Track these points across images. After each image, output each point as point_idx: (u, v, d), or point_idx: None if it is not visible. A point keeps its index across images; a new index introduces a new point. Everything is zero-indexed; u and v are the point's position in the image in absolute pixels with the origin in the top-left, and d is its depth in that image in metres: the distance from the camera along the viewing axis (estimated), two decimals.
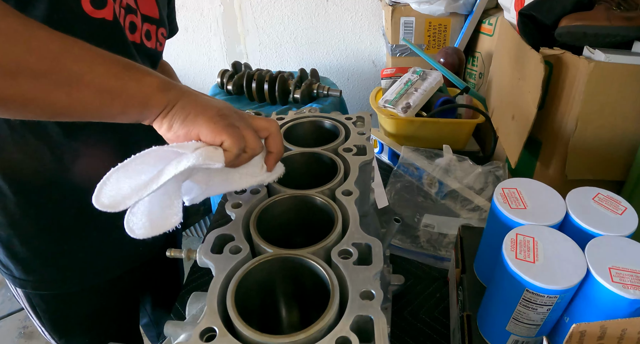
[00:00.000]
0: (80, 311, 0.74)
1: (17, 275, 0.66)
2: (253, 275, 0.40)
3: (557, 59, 0.73)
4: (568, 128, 0.73)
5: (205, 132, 0.41)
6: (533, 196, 0.52)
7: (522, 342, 0.47)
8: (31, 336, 1.62)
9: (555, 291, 0.41)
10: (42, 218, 0.63)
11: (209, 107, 0.42)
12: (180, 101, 0.41)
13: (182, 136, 0.42)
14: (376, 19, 1.46)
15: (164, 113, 0.41)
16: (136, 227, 0.40)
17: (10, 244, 0.63)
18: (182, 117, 0.41)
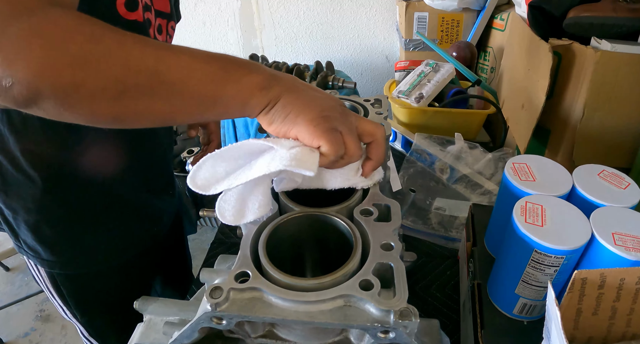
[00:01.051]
0: (103, 289, 0.77)
1: (45, 257, 0.69)
2: (282, 229, 0.43)
3: (565, 49, 0.76)
4: (575, 116, 0.76)
5: (303, 134, 0.41)
6: (542, 170, 0.55)
7: (530, 305, 0.50)
8: (47, 319, 1.68)
9: (562, 252, 0.44)
10: (68, 203, 0.66)
11: (312, 106, 0.41)
12: (282, 99, 0.41)
13: (281, 134, 0.42)
14: (390, 15, 1.50)
15: (265, 111, 0.41)
16: (228, 214, 0.42)
17: (38, 228, 0.66)
18: (282, 116, 0.41)
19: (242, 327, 0.42)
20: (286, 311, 0.36)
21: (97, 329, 0.82)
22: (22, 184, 0.62)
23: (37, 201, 0.64)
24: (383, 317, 0.35)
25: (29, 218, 0.65)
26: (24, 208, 0.64)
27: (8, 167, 0.61)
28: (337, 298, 0.36)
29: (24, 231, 0.67)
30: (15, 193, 0.63)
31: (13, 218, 0.66)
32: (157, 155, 0.76)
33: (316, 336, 0.41)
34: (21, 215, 0.65)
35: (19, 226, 0.67)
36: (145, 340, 0.47)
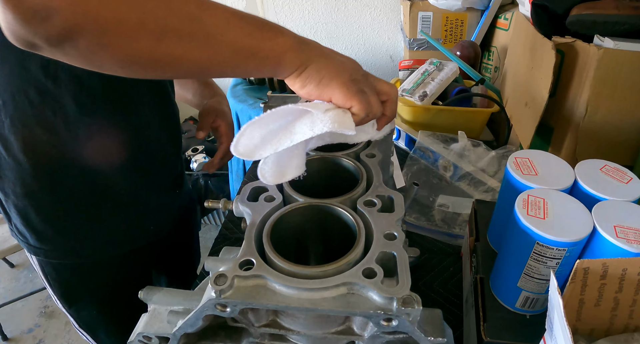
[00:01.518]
0: (90, 282, 0.77)
1: (31, 242, 0.70)
2: (286, 219, 0.44)
3: (568, 47, 0.76)
4: (578, 113, 0.76)
5: (338, 96, 0.43)
6: (544, 165, 0.55)
7: (532, 299, 0.51)
8: (51, 316, 1.69)
9: (564, 244, 0.44)
10: (57, 191, 0.66)
11: (342, 70, 0.44)
12: (315, 63, 0.43)
13: (314, 96, 0.45)
14: (394, 15, 1.51)
15: (297, 73, 0.43)
16: (268, 174, 0.44)
17: (26, 213, 0.67)
18: (317, 80, 0.43)
19: (246, 316, 0.42)
20: (290, 299, 0.36)
21: (84, 320, 0.82)
22: (13, 168, 0.63)
23: (25, 186, 0.64)
24: (386, 304, 0.35)
25: (18, 203, 0.66)
26: (13, 192, 0.65)
27: (2, 151, 0.62)
28: (340, 286, 0.36)
29: (14, 215, 0.68)
30: (7, 177, 0.64)
31: (5, 201, 0.68)
32: (154, 152, 0.74)
33: (319, 325, 0.42)
34: (11, 199, 0.66)
35: (9, 210, 0.68)
36: (150, 329, 0.47)
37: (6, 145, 0.62)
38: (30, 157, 0.62)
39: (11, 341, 1.60)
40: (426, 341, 0.38)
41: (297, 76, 0.43)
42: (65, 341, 1.58)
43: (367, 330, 0.41)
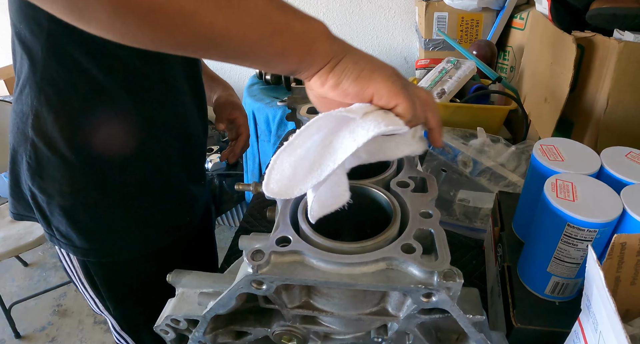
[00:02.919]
0: (137, 279, 0.76)
1: (78, 244, 0.67)
2: None
3: (588, 42, 0.77)
4: (599, 107, 0.76)
5: (382, 91, 0.37)
6: (569, 151, 0.55)
7: (562, 284, 0.51)
8: (64, 314, 1.69)
9: (594, 225, 0.44)
10: (106, 186, 0.65)
11: (383, 65, 0.38)
12: (349, 55, 0.37)
13: (352, 95, 0.37)
14: (409, 16, 1.53)
15: (330, 67, 0.36)
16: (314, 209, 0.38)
17: (74, 213, 0.64)
18: (356, 73, 0.36)
19: (280, 296, 0.42)
20: (328, 274, 0.36)
21: (129, 322, 0.80)
22: (59, 166, 0.62)
23: (73, 184, 0.63)
24: (426, 279, 0.35)
25: (64, 203, 0.64)
26: (59, 192, 0.63)
27: (44, 149, 0.61)
28: (379, 261, 0.36)
29: (57, 217, 0.65)
30: (51, 176, 0.62)
31: (47, 203, 0.65)
32: (194, 142, 0.75)
33: (354, 305, 0.42)
34: (56, 200, 0.64)
35: (52, 213, 0.66)
36: (178, 312, 0.46)
37: (50, 143, 0.60)
38: (79, 154, 0.61)
39: (24, 338, 1.60)
40: (465, 319, 0.38)
41: (330, 70, 0.36)
42: (78, 340, 1.59)
43: (402, 310, 0.41)
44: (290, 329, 0.46)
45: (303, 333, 0.46)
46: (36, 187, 0.64)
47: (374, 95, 0.37)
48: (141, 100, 0.62)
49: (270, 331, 0.47)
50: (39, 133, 0.60)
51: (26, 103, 0.60)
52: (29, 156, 0.62)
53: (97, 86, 0.58)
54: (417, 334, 0.43)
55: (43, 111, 0.58)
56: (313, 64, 0.36)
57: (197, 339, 0.49)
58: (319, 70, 0.36)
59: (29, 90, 0.59)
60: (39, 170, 0.63)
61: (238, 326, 0.48)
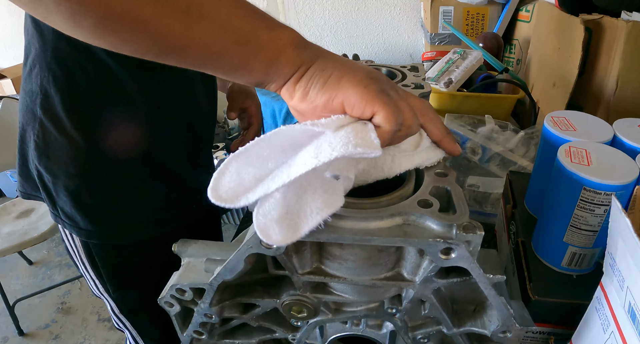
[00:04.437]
0: (139, 263, 0.75)
1: (82, 226, 0.67)
2: None
3: (595, 24, 0.76)
4: (609, 89, 0.76)
5: (352, 98, 0.32)
6: (581, 122, 0.55)
7: (579, 255, 0.49)
8: (68, 312, 1.68)
9: (611, 187, 0.43)
10: (113, 169, 0.64)
11: (356, 68, 0.34)
12: (318, 62, 0.34)
13: (320, 106, 0.33)
14: (414, 13, 1.53)
15: (297, 76, 0.34)
16: (274, 231, 0.32)
17: (78, 194, 0.64)
18: (322, 80, 0.33)
19: (290, 259, 0.41)
20: (342, 229, 0.35)
21: (128, 306, 0.80)
22: (65, 147, 0.61)
23: (79, 165, 0.62)
24: (445, 232, 0.34)
25: (70, 184, 0.64)
26: (65, 172, 0.63)
27: (52, 129, 0.61)
28: (395, 216, 0.35)
29: (62, 198, 0.65)
30: (57, 157, 0.62)
31: (52, 183, 0.65)
32: (202, 130, 0.75)
33: (368, 269, 0.40)
34: (61, 180, 0.64)
35: (57, 193, 0.65)
36: (184, 281, 0.45)
37: (57, 122, 0.60)
38: (86, 135, 0.60)
39: (27, 336, 1.59)
40: (485, 279, 0.36)
41: (297, 80, 0.33)
42: (82, 337, 1.57)
43: (418, 274, 0.40)
44: (300, 299, 0.44)
45: (314, 303, 0.45)
46: (43, 167, 0.64)
47: (344, 104, 0.33)
48: (150, 87, 0.63)
49: (280, 302, 0.45)
50: (47, 112, 0.60)
51: (35, 82, 0.60)
52: (37, 135, 0.62)
53: (106, 70, 0.58)
54: (433, 302, 0.42)
55: (51, 91, 0.59)
56: (279, 75, 0.33)
57: (203, 312, 0.47)
58: (286, 81, 0.34)
59: (39, 69, 0.59)
60: (46, 149, 0.63)
61: (246, 297, 0.47)
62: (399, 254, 0.40)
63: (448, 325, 0.44)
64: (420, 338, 0.48)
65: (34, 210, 1.50)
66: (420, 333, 0.47)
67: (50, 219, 1.45)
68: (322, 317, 0.47)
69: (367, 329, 0.49)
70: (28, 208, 1.50)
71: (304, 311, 0.45)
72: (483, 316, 0.44)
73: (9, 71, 1.84)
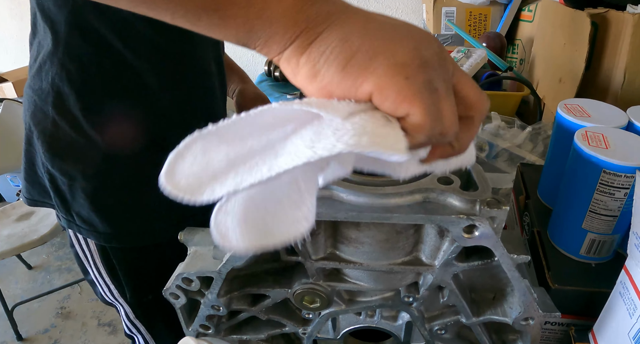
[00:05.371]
0: (157, 265, 0.70)
1: (101, 229, 0.64)
2: None
3: (601, 18, 0.76)
4: (616, 82, 0.75)
5: (387, 92, 0.23)
6: (594, 109, 0.54)
7: (598, 242, 0.48)
8: (68, 316, 1.65)
9: (631, 169, 0.42)
10: (132, 168, 0.62)
11: (396, 39, 0.24)
12: (336, 26, 0.24)
13: (337, 93, 0.24)
14: (416, 16, 1.54)
15: (302, 44, 0.24)
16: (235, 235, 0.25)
17: (97, 196, 0.62)
18: (344, 57, 0.23)
19: (304, 244, 0.40)
20: (361, 207, 0.34)
21: (145, 310, 0.77)
22: (82, 147, 0.59)
23: (97, 166, 0.60)
24: (468, 209, 0.33)
25: (87, 185, 0.61)
26: (82, 174, 0.60)
27: (67, 128, 0.58)
28: (415, 193, 0.34)
29: (79, 200, 0.62)
30: (73, 157, 0.60)
31: (68, 186, 0.62)
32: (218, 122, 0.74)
33: (385, 254, 0.39)
34: (78, 182, 0.61)
35: (74, 196, 0.62)
36: (191, 270, 0.44)
37: (72, 121, 0.58)
38: (104, 134, 0.58)
39: (26, 341, 1.56)
40: (508, 258, 0.35)
41: (303, 50, 0.24)
42: (81, 342, 1.54)
43: (438, 258, 0.38)
44: (313, 288, 0.43)
45: (327, 292, 0.43)
46: (57, 169, 0.61)
47: (373, 95, 0.23)
48: (169, 80, 0.61)
49: (291, 292, 0.44)
50: (60, 111, 0.58)
51: (46, 80, 0.57)
52: (49, 135, 0.59)
53: (122, 64, 0.56)
54: (452, 288, 0.40)
55: (65, 88, 0.56)
56: (270, 37, 0.24)
57: (210, 303, 0.46)
58: (283, 49, 0.24)
59: (50, 65, 0.56)
60: (60, 150, 0.60)
61: (255, 288, 0.45)
62: (417, 237, 0.38)
63: (467, 314, 0.43)
64: (437, 329, 0.46)
65: (34, 212, 1.48)
66: (438, 324, 0.45)
67: (51, 221, 1.43)
68: (335, 308, 0.46)
69: (382, 320, 0.48)
70: (28, 211, 1.48)
71: (317, 301, 0.44)
72: (503, 303, 0.42)
73: (10, 75, 1.84)
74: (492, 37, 1.12)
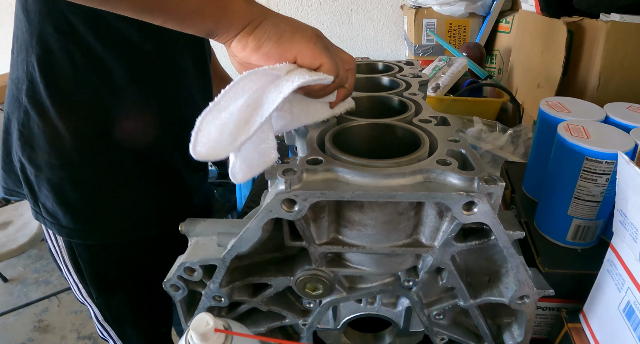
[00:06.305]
0: (124, 266, 0.71)
1: (64, 223, 0.63)
2: (344, 134, 0.44)
3: (577, 26, 0.81)
4: (592, 86, 0.80)
5: (304, 52, 0.38)
6: (574, 105, 0.58)
7: (584, 227, 0.51)
8: (46, 330, 1.60)
9: (612, 155, 0.45)
10: (98, 162, 0.62)
11: (303, 26, 0.40)
12: (269, 19, 0.38)
13: (274, 57, 0.38)
14: (397, 27, 1.59)
15: (249, 30, 0.37)
16: (236, 171, 0.37)
17: (61, 189, 0.61)
18: (277, 35, 0.38)
19: (309, 228, 0.41)
20: (366, 187, 0.35)
21: (113, 312, 0.75)
22: (49, 137, 0.58)
23: (63, 157, 0.59)
24: (467, 186, 0.35)
25: (53, 177, 0.60)
26: (48, 164, 0.60)
27: (36, 117, 0.58)
28: (416, 174, 0.36)
29: (45, 192, 0.62)
30: (41, 147, 0.59)
31: (35, 176, 0.61)
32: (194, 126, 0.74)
33: (387, 236, 0.40)
34: (44, 173, 0.60)
35: (40, 186, 0.62)
36: (193, 259, 0.43)
37: (41, 110, 0.57)
38: (70, 124, 0.58)
39: None
40: (505, 234, 0.37)
41: (250, 33, 0.37)
42: None
43: (437, 239, 0.40)
44: (316, 274, 0.44)
45: (329, 278, 0.44)
46: (26, 158, 0.61)
47: (297, 57, 0.38)
48: (140, 76, 0.60)
49: (294, 279, 0.44)
50: (32, 100, 0.58)
51: (22, 68, 0.57)
52: (21, 124, 0.59)
53: (93, 56, 0.56)
54: (451, 269, 0.42)
55: (36, 76, 0.56)
56: (231, 26, 0.37)
57: (212, 293, 0.46)
58: (237, 33, 0.37)
59: (25, 54, 0.56)
60: (30, 139, 0.59)
61: (257, 277, 0.46)
62: (417, 219, 0.40)
63: (465, 296, 0.44)
64: (436, 315, 0.47)
65: (11, 222, 1.43)
66: (436, 309, 0.47)
67: (30, 231, 1.39)
68: (336, 296, 0.46)
69: (382, 307, 0.49)
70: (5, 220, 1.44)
71: (319, 288, 0.44)
72: (499, 285, 0.44)
73: None
74: (472, 47, 1.18)
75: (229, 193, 1.53)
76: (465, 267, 0.46)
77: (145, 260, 0.73)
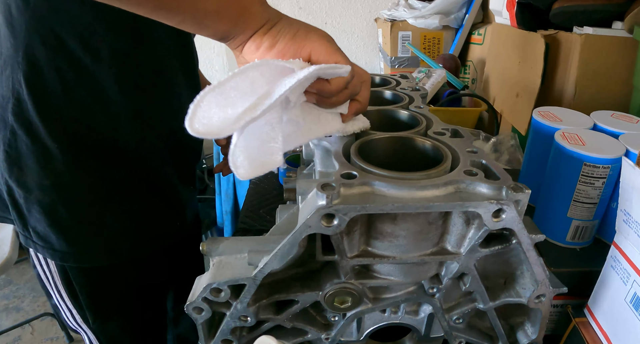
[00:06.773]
0: (120, 287, 0.70)
1: (57, 246, 0.61)
2: (367, 147, 0.45)
3: (552, 39, 0.87)
4: (568, 95, 0.85)
5: (319, 49, 0.39)
6: (564, 115, 0.62)
7: (582, 228, 0.55)
8: None
9: (608, 161, 0.49)
10: (91, 180, 0.60)
11: (317, 28, 0.41)
12: (284, 19, 0.40)
13: (289, 54, 0.39)
14: (371, 40, 1.64)
15: (264, 30, 0.38)
16: (238, 164, 0.36)
17: (54, 210, 0.59)
18: (292, 33, 0.39)
19: (341, 242, 0.42)
20: (404, 199, 0.37)
21: (109, 337, 0.73)
22: (39, 157, 0.57)
23: (55, 177, 0.57)
24: (496, 194, 0.37)
25: (44, 198, 0.58)
26: (38, 185, 0.58)
27: (24, 136, 0.56)
28: (448, 185, 0.38)
29: (35, 215, 0.59)
30: (30, 167, 0.57)
31: (24, 199, 0.59)
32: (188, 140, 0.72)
33: (416, 245, 0.42)
34: (35, 195, 0.58)
35: (30, 209, 0.60)
36: (221, 279, 0.42)
37: (30, 129, 0.55)
38: (61, 143, 0.56)
39: None
40: (528, 238, 0.40)
41: (265, 32, 0.38)
42: None
43: (463, 245, 0.42)
44: (345, 287, 0.44)
45: (359, 290, 0.45)
46: (14, 180, 0.58)
47: (311, 54, 0.39)
48: (131, 89, 0.59)
49: (322, 294, 0.45)
50: (19, 118, 0.56)
51: (7, 85, 0.55)
52: (8, 144, 0.57)
53: (83, 70, 0.55)
54: (474, 274, 0.44)
55: (24, 94, 0.54)
56: (247, 28, 0.38)
57: (239, 314, 0.45)
58: (253, 33, 0.38)
59: (10, 71, 0.54)
60: (17, 160, 0.57)
61: (284, 294, 0.46)
62: (444, 227, 0.42)
63: (485, 299, 0.46)
64: (456, 319, 0.49)
65: None
66: (456, 314, 0.49)
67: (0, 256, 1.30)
68: (362, 307, 0.47)
69: (405, 316, 0.50)
70: None
71: (348, 301, 0.45)
72: (515, 286, 0.47)
73: None
74: (448, 59, 1.23)
75: (207, 209, 1.51)
76: (482, 271, 0.48)
77: (141, 279, 0.72)
